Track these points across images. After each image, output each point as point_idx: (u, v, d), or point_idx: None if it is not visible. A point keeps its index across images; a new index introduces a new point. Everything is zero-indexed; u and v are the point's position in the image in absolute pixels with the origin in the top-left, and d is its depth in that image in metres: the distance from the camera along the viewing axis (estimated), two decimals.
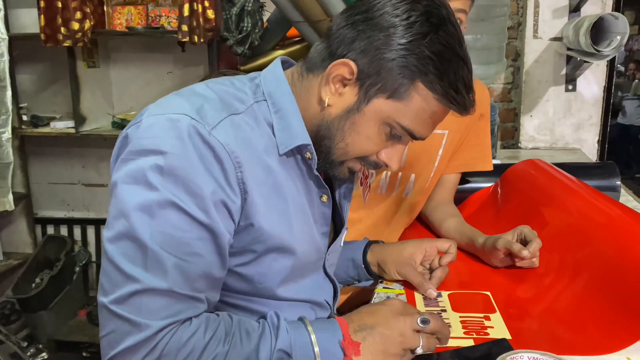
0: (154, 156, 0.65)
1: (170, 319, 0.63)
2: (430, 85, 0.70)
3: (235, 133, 0.69)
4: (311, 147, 0.75)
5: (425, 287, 0.94)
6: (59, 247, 2.97)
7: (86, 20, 2.55)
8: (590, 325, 0.79)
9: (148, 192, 0.64)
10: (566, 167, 1.27)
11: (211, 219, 0.66)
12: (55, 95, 2.99)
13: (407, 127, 0.73)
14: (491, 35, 1.83)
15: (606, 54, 1.87)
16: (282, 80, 0.77)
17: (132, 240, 0.63)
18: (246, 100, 0.74)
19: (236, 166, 0.67)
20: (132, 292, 0.62)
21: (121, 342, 0.62)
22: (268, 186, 0.72)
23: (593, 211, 1.00)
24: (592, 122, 2.30)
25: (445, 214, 1.23)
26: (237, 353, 0.65)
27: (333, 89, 0.73)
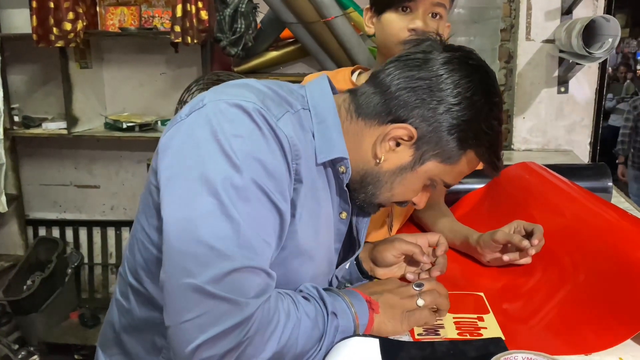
0: (233, 138, 0.66)
1: (263, 297, 0.65)
2: (480, 155, 0.79)
3: (293, 127, 0.72)
4: (347, 162, 0.78)
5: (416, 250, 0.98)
6: (51, 249, 2.95)
7: (78, 20, 2.54)
8: (582, 325, 0.80)
9: (234, 172, 0.65)
10: (558, 168, 1.28)
11: (284, 203, 0.69)
12: (47, 96, 2.98)
13: (447, 182, 0.82)
14: (484, 37, 1.84)
15: (598, 56, 1.88)
16: (329, 96, 0.81)
17: (223, 218, 0.63)
18: (294, 105, 0.76)
19: (295, 158, 0.71)
20: (229, 270, 0.61)
21: (217, 324, 0.61)
22: (309, 186, 0.75)
23: (585, 213, 1.01)
24: (584, 124, 2.31)
25: (438, 213, 1.24)
26: (305, 322, 0.70)
27: (388, 146, 0.78)
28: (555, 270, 0.95)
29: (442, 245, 1.00)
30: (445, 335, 0.79)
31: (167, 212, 0.66)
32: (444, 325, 0.83)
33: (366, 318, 0.77)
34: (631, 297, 0.77)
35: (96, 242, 3.13)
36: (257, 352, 0.64)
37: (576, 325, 0.80)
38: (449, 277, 0.98)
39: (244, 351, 0.63)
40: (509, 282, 0.98)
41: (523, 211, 1.14)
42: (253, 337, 0.63)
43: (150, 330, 0.77)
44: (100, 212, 3.12)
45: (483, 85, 0.76)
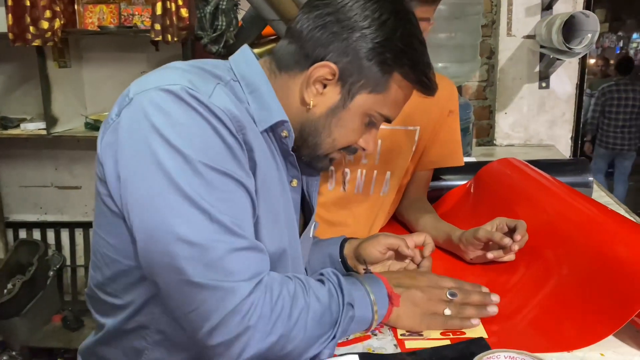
0: (173, 129, 0.65)
1: (257, 277, 0.66)
2: (406, 75, 0.77)
3: (228, 98, 0.71)
4: (288, 125, 0.78)
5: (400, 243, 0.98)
6: (32, 252, 2.90)
7: (56, 19, 2.49)
8: (565, 322, 0.80)
9: (186, 164, 0.64)
10: (540, 164, 1.29)
11: (247, 178, 0.69)
12: (25, 96, 2.93)
13: (385, 114, 0.80)
14: (465, 33, 1.84)
15: (578, 51, 1.89)
16: (255, 63, 0.79)
17: (193, 210, 0.63)
18: (223, 77, 0.75)
19: (239, 129, 0.70)
20: (213, 259, 0.63)
21: (217, 311, 0.63)
22: (258, 154, 0.73)
23: (567, 208, 1.01)
24: (565, 119, 2.33)
25: (420, 211, 1.24)
26: (315, 306, 0.70)
27: (314, 90, 0.77)
28: (538, 267, 0.95)
29: (428, 245, 1.00)
30: (428, 335, 0.79)
31: (136, 220, 0.65)
32: None
33: (385, 309, 0.78)
34: (612, 293, 0.78)
35: (78, 243, 3.09)
36: (264, 336, 0.66)
37: (558, 322, 0.81)
38: None
39: (253, 336, 0.65)
40: (491, 280, 0.98)
41: (505, 207, 1.14)
42: (257, 323, 0.65)
43: (129, 337, 0.76)
44: (82, 213, 3.08)
45: (391, 5, 0.75)
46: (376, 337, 0.79)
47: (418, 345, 0.76)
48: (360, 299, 0.76)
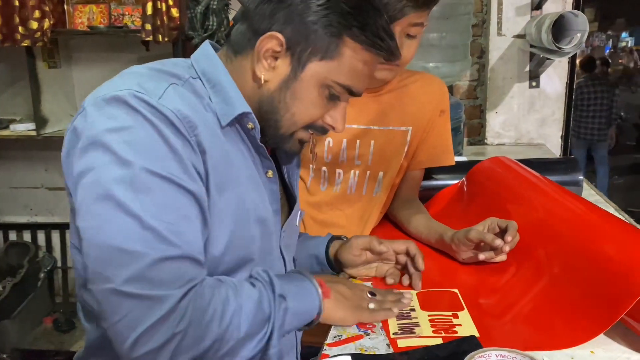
0: (117, 134, 0.65)
1: (187, 285, 0.64)
2: (356, 37, 0.74)
3: (181, 99, 0.70)
4: (252, 116, 0.77)
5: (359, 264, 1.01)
6: (22, 253, 2.88)
7: (45, 19, 2.48)
8: (556, 321, 0.81)
9: (123, 168, 0.64)
10: (530, 163, 1.30)
11: (191, 180, 0.67)
12: (15, 96, 2.90)
13: (344, 84, 0.77)
14: (456, 33, 1.84)
15: (567, 50, 1.91)
16: (214, 57, 0.79)
17: (122, 217, 0.62)
18: (182, 76, 0.74)
19: (190, 130, 0.68)
20: (142, 267, 0.61)
21: (143, 321, 0.61)
22: (217, 154, 0.72)
23: (557, 207, 1.02)
24: (555, 118, 2.34)
25: (412, 211, 1.24)
26: (247, 306, 0.69)
27: (266, 64, 0.75)
28: (529, 265, 0.96)
29: (418, 256, 0.98)
30: (420, 333, 0.80)
31: (79, 224, 0.66)
32: (419, 323, 0.83)
33: (318, 300, 0.78)
34: (602, 292, 0.78)
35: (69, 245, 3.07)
36: (196, 342, 0.64)
37: (550, 321, 0.81)
38: (424, 275, 0.98)
39: (181, 343, 0.63)
40: (483, 278, 0.99)
41: (497, 206, 1.15)
42: (187, 329, 0.63)
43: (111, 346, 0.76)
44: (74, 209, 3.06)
45: None
46: (369, 337, 0.80)
47: (410, 344, 0.77)
48: (293, 292, 0.75)
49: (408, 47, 1.09)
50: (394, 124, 1.22)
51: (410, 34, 1.08)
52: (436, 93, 1.25)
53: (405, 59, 1.10)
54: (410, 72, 1.26)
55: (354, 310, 0.82)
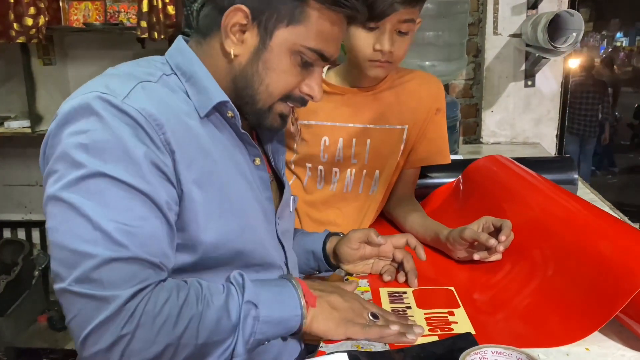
0: (76, 137, 0.66)
1: (136, 287, 0.63)
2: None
3: (149, 96, 0.70)
4: (231, 105, 0.77)
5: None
6: (17, 251, 2.87)
7: (40, 15, 2.47)
8: (551, 318, 0.81)
9: (76, 170, 0.64)
10: (526, 161, 1.30)
11: (145, 181, 0.66)
12: (9, 93, 2.89)
13: (315, 48, 0.76)
14: (452, 32, 1.85)
15: (563, 50, 1.91)
16: (187, 50, 0.79)
17: (74, 218, 0.63)
18: (155, 74, 0.75)
19: (157, 128, 0.68)
20: (90, 268, 0.62)
21: (91, 320, 0.61)
22: (193, 147, 0.72)
23: (553, 205, 1.03)
24: (551, 117, 2.35)
25: (408, 209, 1.24)
26: (210, 312, 0.67)
27: (234, 39, 0.75)
28: (524, 263, 0.96)
29: (418, 246, 1.00)
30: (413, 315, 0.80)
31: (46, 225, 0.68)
32: (415, 321, 0.83)
33: (299, 309, 0.73)
34: (597, 290, 0.79)
35: None
36: (146, 345, 0.63)
37: (545, 318, 0.82)
38: (420, 272, 0.99)
39: (129, 345, 0.62)
40: (479, 276, 0.99)
41: (492, 204, 1.15)
42: (135, 331, 0.62)
43: None
44: None
45: None
46: None
47: None
48: (269, 298, 0.71)
49: (400, 44, 1.09)
50: (390, 122, 1.22)
51: (402, 31, 1.08)
52: (432, 91, 1.25)
53: (397, 56, 1.10)
54: (406, 70, 1.26)
55: (341, 324, 0.76)
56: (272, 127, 0.83)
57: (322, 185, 1.25)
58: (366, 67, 1.12)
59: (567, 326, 0.78)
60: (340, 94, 1.22)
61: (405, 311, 0.86)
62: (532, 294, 0.88)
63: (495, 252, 0.99)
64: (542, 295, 0.87)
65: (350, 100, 1.22)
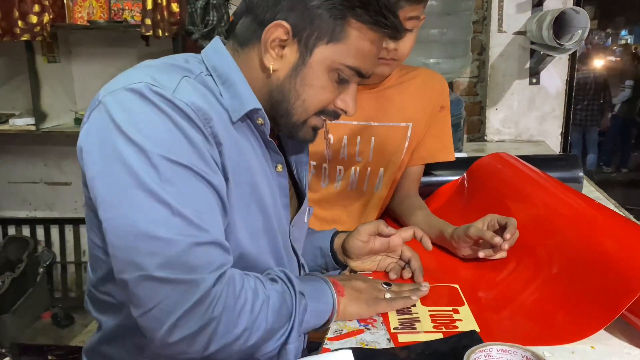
0: (135, 126, 0.66)
1: (219, 270, 0.66)
2: (360, 17, 0.74)
3: (194, 90, 0.71)
4: (262, 112, 0.78)
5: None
6: (21, 248, 2.88)
7: (45, 13, 2.47)
8: (557, 316, 0.81)
9: (148, 159, 0.65)
10: (531, 159, 1.30)
11: (208, 168, 0.68)
12: (14, 91, 2.89)
13: (353, 66, 0.77)
14: (457, 29, 1.84)
15: (568, 47, 1.90)
16: (225, 52, 0.79)
17: (154, 206, 0.64)
18: (194, 71, 0.76)
19: (205, 122, 0.69)
20: (174, 253, 0.63)
21: (181, 305, 0.63)
22: (232, 145, 0.74)
23: (558, 203, 1.02)
24: (555, 115, 2.34)
25: (413, 206, 1.24)
26: (274, 299, 0.72)
27: (274, 54, 0.76)
28: (529, 261, 0.96)
29: (424, 238, 1.02)
30: (421, 329, 0.80)
31: (103, 216, 0.66)
32: (420, 318, 0.83)
33: (332, 299, 0.79)
34: (602, 288, 0.78)
35: (68, 240, 3.06)
36: (229, 329, 0.66)
37: (550, 316, 0.81)
38: (425, 269, 0.98)
39: (217, 329, 0.65)
40: (484, 274, 0.99)
41: (497, 202, 1.15)
42: (221, 315, 0.65)
43: (128, 334, 0.77)
44: (72, 210, 3.06)
45: None
46: (369, 332, 0.80)
47: (411, 339, 0.77)
48: (310, 290, 0.77)
49: (404, 41, 1.08)
50: (395, 119, 1.22)
51: (406, 28, 1.07)
52: (436, 88, 1.25)
53: (402, 54, 1.10)
54: (410, 67, 1.26)
55: (370, 303, 0.83)
56: (305, 139, 0.84)
57: (327, 183, 1.25)
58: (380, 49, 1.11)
59: (572, 324, 0.77)
60: None
61: (410, 309, 0.86)
62: (537, 291, 0.88)
63: (500, 250, 0.99)
64: (547, 293, 0.86)
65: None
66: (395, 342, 0.77)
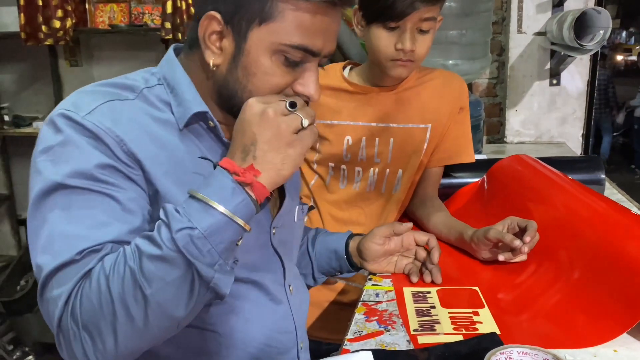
0: (42, 153, 0.69)
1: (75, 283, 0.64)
2: None
3: (113, 114, 0.70)
4: (209, 115, 0.75)
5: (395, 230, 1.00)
6: None
7: (67, 18, 2.52)
8: (578, 319, 0.80)
9: (41, 184, 0.67)
10: (551, 161, 1.28)
11: (102, 183, 0.67)
12: (37, 94, 2.96)
13: (297, 44, 0.69)
14: (476, 30, 1.83)
15: (589, 48, 1.88)
16: (174, 61, 0.78)
17: (38, 232, 0.66)
18: (136, 88, 0.75)
19: (117, 140, 0.68)
20: (42, 280, 0.65)
21: (52, 321, 0.64)
22: (165, 161, 0.72)
23: (579, 205, 1.01)
24: (576, 116, 2.32)
25: (432, 208, 1.24)
26: (146, 260, 0.61)
27: (214, 48, 0.72)
28: (550, 264, 0.95)
29: (435, 250, 0.99)
30: (441, 330, 0.80)
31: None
32: (440, 320, 0.83)
33: (239, 196, 0.64)
34: (625, 291, 0.77)
35: None
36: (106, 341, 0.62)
37: (572, 319, 0.81)
38: (444, 272, 0.98)
39: (91, 343, 0.63)
40: (503, 276, 0.98)
41: (517, 204, 1.14)
42: (80, 330, 0.62)
43: None
44: None
45: None
46: (389, 333, 0.80)
47: (431, 341, 0.77)
48: (198, 214, 0.62)
49: (421, 42, 1.09)
50: (413, 121, 1.22)
51: (423, 29, 1.08)
52: (455, 90, 1.24)
53: (419, 55, 1.10)
54: (429, 69, 1.26)
55: (294, 146, 0.66)
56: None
57: (345, 184, 1.25)
58: (388, 66, 1.12)
59: (594, 327, 0.77)
60: (362, 94, 1.22)
61: (430, 310, 0.86)
62: (559, 294, 0.87)
63: (520, 254, 0.98)
64: (568, 296, 0.86)
65: (372, 100, 1.22)
66: (415, 344, 0.77)
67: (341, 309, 1.21)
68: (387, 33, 1.08)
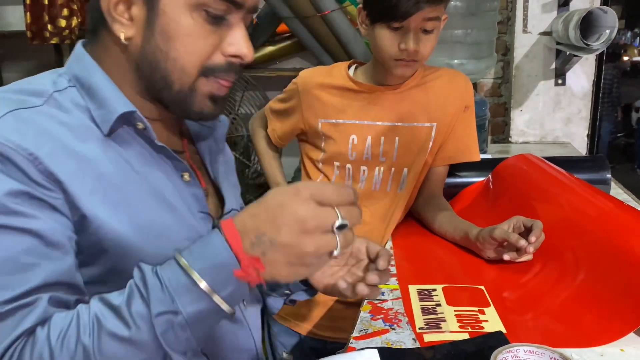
0: None
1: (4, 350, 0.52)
2: None
3: (19, 126, 0.59)
4: (138, 115, 0.65)
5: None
6: None
7: (73, 17, 2.53)
8: (584, 318, 0.80)
9: None
10: (557, 161, 1.28)
11: (16, 215, 0.56)
12: None
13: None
14: (481, 30, 1.83)
15: (595, 47, 1.87)
16: (84, 56, 0.68)
17: None
18: (44, 92, 0.64)
19: (29, 158, 0.57)
20: None
21: None
22: (89, 178, 0.61)
23: (585, 205, 1.01)
24: (582, 116, 2.31)
25: (437, 208, 1.24)
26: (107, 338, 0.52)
27: (123, 20, 0.63)
28: (556, 263, 0.95)
29: (382, 256, 0.76)
30: (447, 328, 0.80)
31: None
32: (446, 318, 0.83)
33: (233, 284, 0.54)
34: (632, 290, 0.77)
35: None
36: None
37: (578, 318, 0.81)
38: (450, 271, 0.98)
39: None
40: (509, 276, 0.98)
41: (523, 203, 1.14)
42: None
43: None
44: None
45: None
46: (395, 331, 0.80)
47: (437, 339, 0.77)
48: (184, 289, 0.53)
49: (425, 42, 1.09)
50: (419, 120, 1.22)
51: (427, 29, 1.08)
52: (460, 88, 1.24)
53: (423, 55, 1.10)
54: (434, 68, 1.26)
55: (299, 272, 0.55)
56: (203, 115, 0.68)
57: (350, 183, 1.25)
58: (392, 66, 1.12)
59: (601, 327, 0.77)
60: (368, 93, 1.22)
61: (436, 308, 0.86)
62: (565, 293, 0.87)
63: (525, 253, 0.98)
64: (575, 295, 0.85)
65: (377, 99, 1.22)
66: (421, 342, 0.77)
67: (346, 308, 1.21)
68: (390, 33, 1.08)
